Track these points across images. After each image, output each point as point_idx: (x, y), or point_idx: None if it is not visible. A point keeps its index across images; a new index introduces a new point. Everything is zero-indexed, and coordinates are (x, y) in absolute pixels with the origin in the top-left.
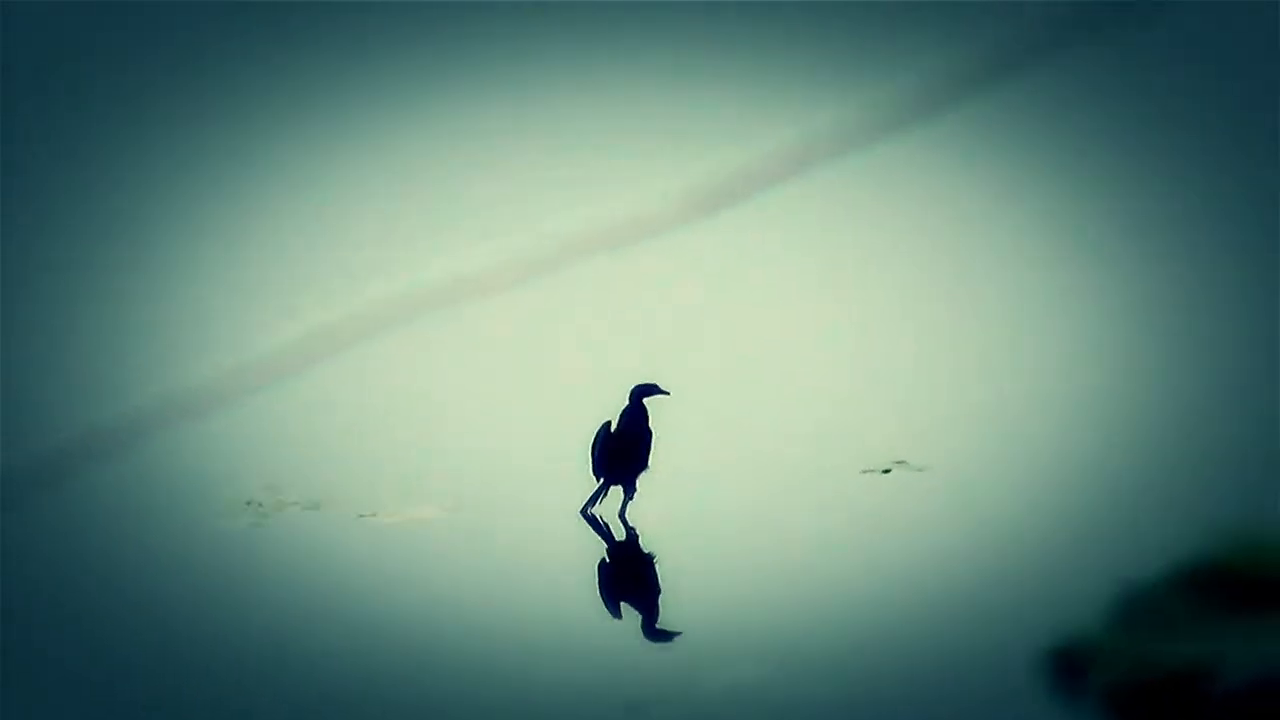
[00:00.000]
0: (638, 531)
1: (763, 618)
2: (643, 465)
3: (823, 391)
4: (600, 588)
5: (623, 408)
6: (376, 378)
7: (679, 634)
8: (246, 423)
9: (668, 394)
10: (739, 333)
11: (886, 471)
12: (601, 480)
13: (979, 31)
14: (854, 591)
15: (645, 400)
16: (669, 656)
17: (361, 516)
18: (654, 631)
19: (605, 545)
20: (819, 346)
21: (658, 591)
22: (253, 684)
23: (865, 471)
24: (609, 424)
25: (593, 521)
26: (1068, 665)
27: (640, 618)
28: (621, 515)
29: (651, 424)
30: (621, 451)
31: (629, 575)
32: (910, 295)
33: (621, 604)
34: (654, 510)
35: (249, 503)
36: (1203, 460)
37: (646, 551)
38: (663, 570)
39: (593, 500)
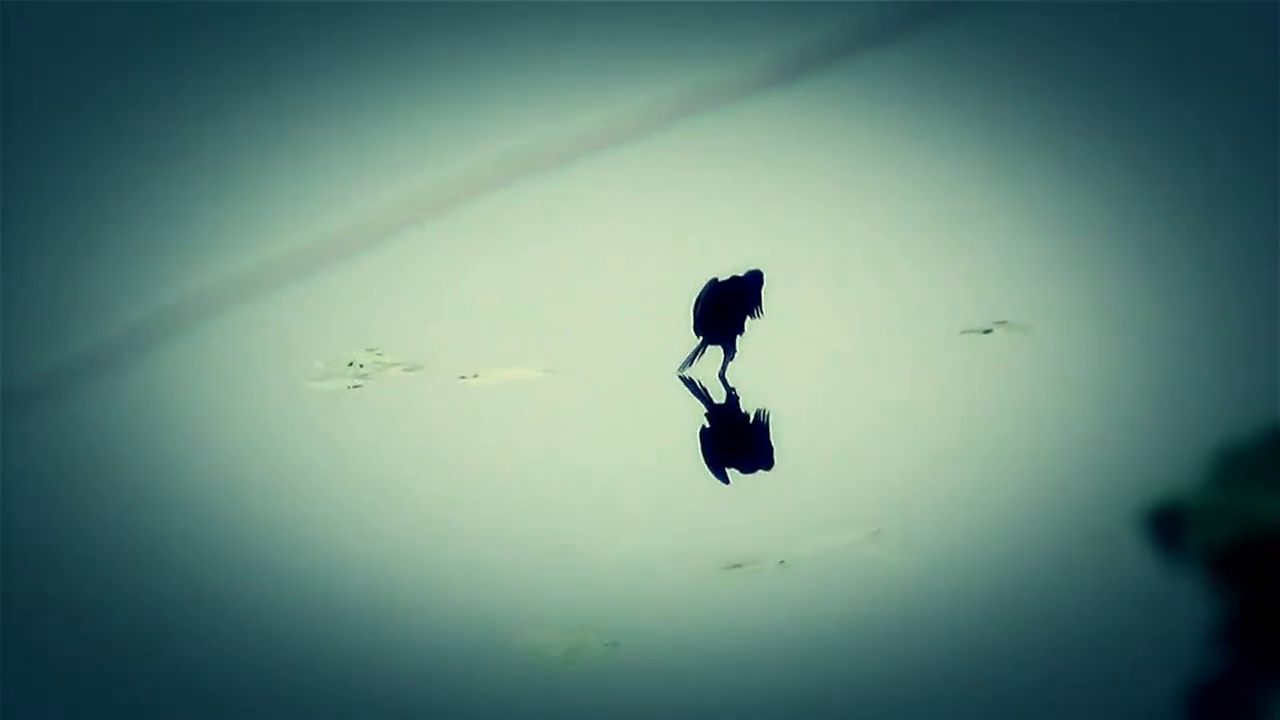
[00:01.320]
0: (737, 393)
1: (861, 482)
2: (739, 329)
3: (917, 254)
4: (701, 449)
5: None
6: (471, 246)
7: (776, 496)
8: (346, 287)
9: (759, 314)
10: (817, 217)
11: (988, 332)
12: (701, 339)
13: None
14: (950, 456)
15: (755, 283)
16: (766, 518)
17: (462, 378)
18: (751, 493)
19: (704, 407)
20: (905, 213)
21: (757, 453)
22: (346, 542)
23: (965, 332)
24: (715, 281)
25: (689, 382)
26: (1166, 523)
27: (736, 478)
28: (721, 376)
29: (753, 301)
30: (722, 312)
31: (728, 437)
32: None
33: (722, 466)
34: (753, 372)
35: (350, 364)
36: None
37: (744, 412)
38: (761, 431)
39: (690, 360)
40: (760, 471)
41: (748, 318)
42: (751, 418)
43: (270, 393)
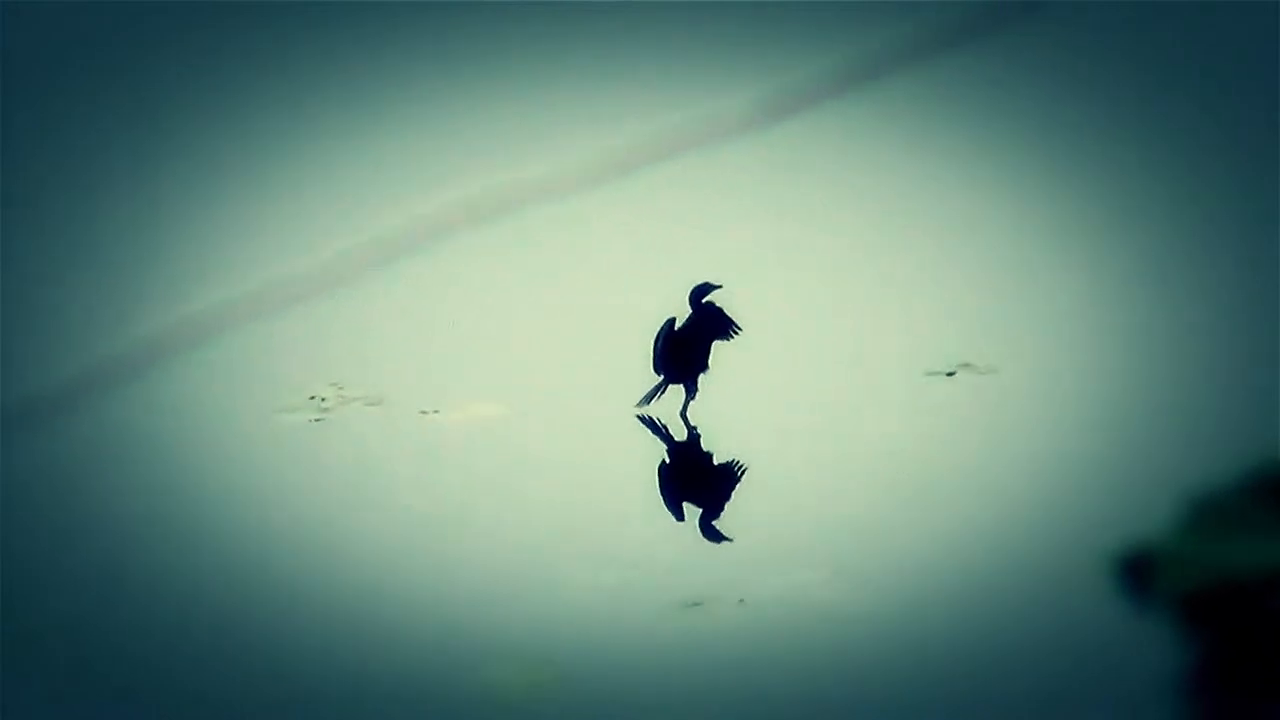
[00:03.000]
0: (699, 432)
1: (821, 523)
2: (703, 366)
3: (884, 296)
4: (660, 487)
5: (688, 313)
6: (439, 283)
7: (734, 537)
8: (313, 323)
9: (719, 286)
10: (790, 247)
11: (950, 374)
12: (661, 378)
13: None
14: (915, 497)
15: (705, 300)
16: (726, 558)
17: (423, 413)
18: (712, 532)
19: (665, 445)
20: (874, 256)
21: (717, 492)
22: (305, 573)
23: (929, 374)
24: (673, 321)
25: (649, 421)
26: (1136, 572)
27: (698, 517)
28: (683, 415)
29: (718, 330)
30: (683, 350)
31: (689, 475)
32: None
33: (680, 503)
34: (715, 411)
35: (312, 397)
36: (1272, 362)
37: (707, 451)
38: (724, 472)
39: (649, 397)
40: (719, 512)
41: (715, 343)
42: (712, 457)
43: (238, 424)
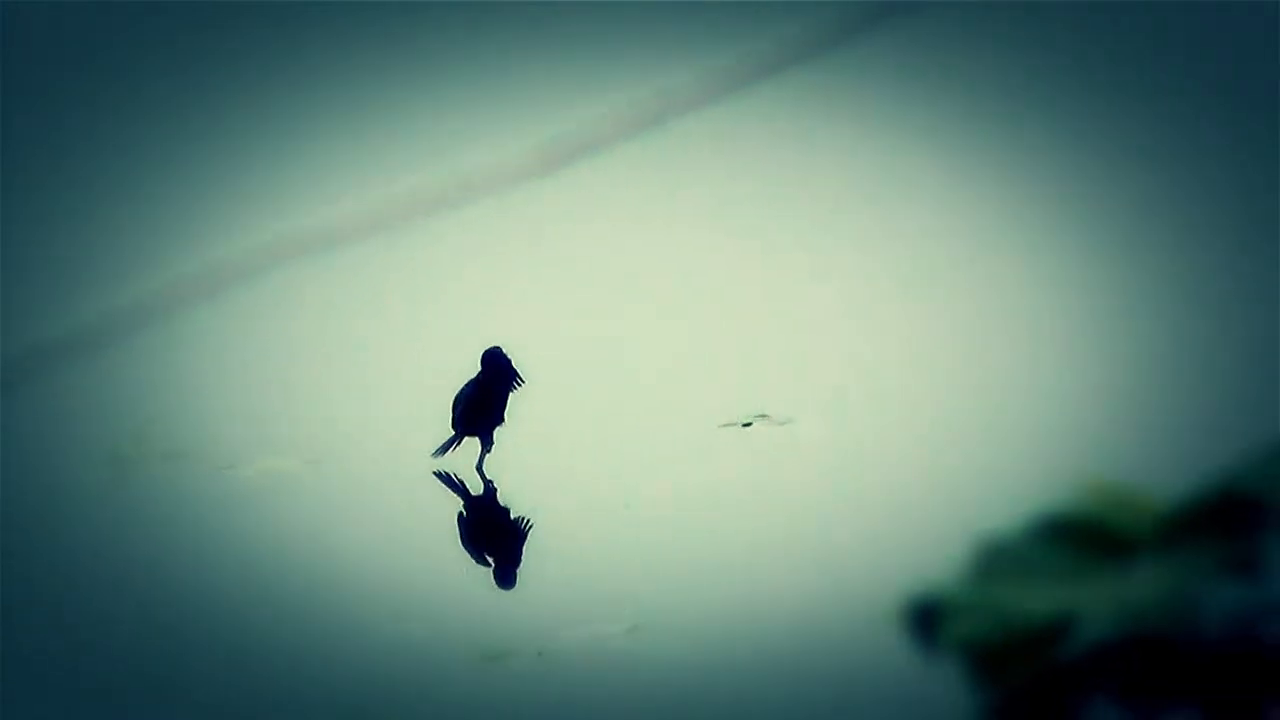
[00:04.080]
0: (495, 485)
1: (619, 575)
2: (499, 419)
3: (678, 347)
4: (460, 540)
5: (479, 370)
6: (242, 327)
7: (535, 589)
8: (115, 371)
9: (520, 383)
10: (582, 295)
11: (747, 425)
12: (456, 431)
13: None
14: (710, 548)
15: (493, 355)
16: (525, 610)
17: (220, 469)
18: (510, 584)
19: (460, 498)
20: (671, 309)
21: (514, 545)
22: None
23: (725, 425)
24: (474, 380)
25: (444, 476)
26: (924, 618)
27: (496, 571)
28: (479, 468)
29: (507, 382)
30: (477, 406)
31: (486, 528)
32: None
33: (479, 555)
34: (509, 465)
35: (113, 453)
36: (1064, 410)
37: (503, 505)
38: (519, 524)
39: (444, 449)
40: (516, 564)
41: (509, 395)
42: (509, 511)
43: (34, 483)
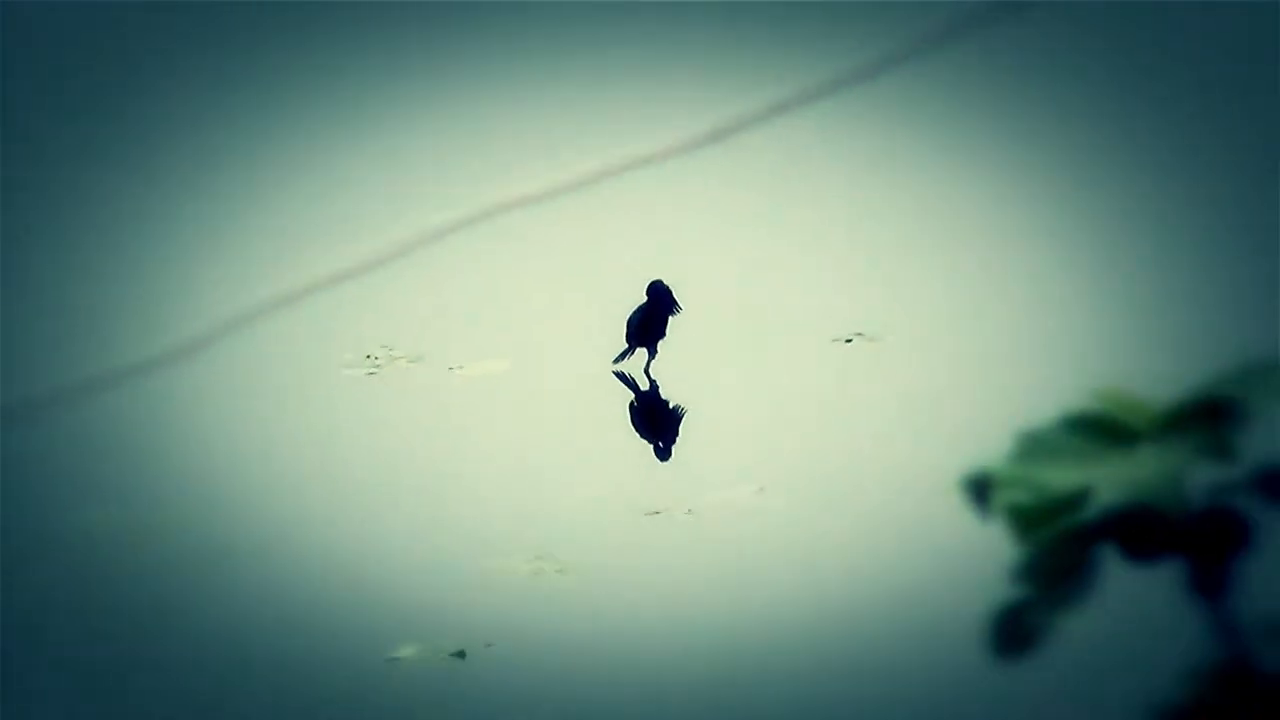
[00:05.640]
0: (658, 383)
1: (750, 450)
2: (661, 334)
3: (794, 270)
4: (631, 424)
5: (645, 299)
6: (462, 268)
7: (685, 460)
8: (369, 296)
9: (678, 309)
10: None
11: (849, 341)
12: (630, 344)
13: None
14: (829, 428)
15: (657, 288)
16: (678, 476)
17: (450, 369)
18: (667, 458)
19: (632, 392)
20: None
21: (671, 429)
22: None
23: (834, 340)
24: (642, 306)
25: (621, 375)
26: (979, 489)
27: (657, 448)
28: (646, 371)
29: (667, 308)
30: (645, 325)
31: (651, 415)
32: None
33: (646, 435)
34: (669, 368)
35: (368, 356)
36: (1091, 328)
37: (664, 398)
38: (675, 412)
39: (621, 357)
40: (672, 441)
41: (670, 318)
42: (668, 403)
43: (305, 379)
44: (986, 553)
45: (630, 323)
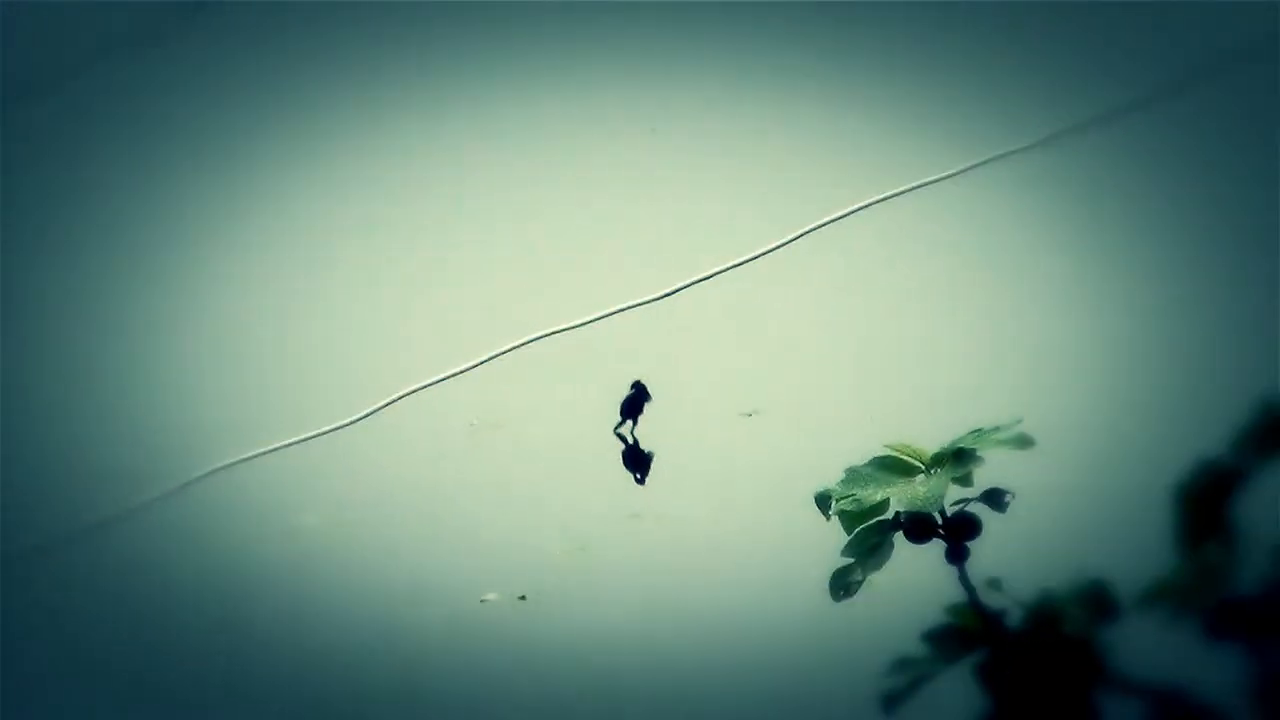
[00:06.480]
0: (638, 440)
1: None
2: (640, 410)
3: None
4: (622, 461)
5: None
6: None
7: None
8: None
9: (649, 398)
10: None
11: (748, 415)
12: (622, 416)
13: None
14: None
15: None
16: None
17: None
18: (643, 482)
19: (624, 445)
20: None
21: (644, 467)
22: None
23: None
24: (630, 394)
25: (620, 435)
26: (823, 501)
27: (636, 477)
28: (630, 433)
29: (645, 397)
30: (632, 403)
31: (632, 457)
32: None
33: (630, 469)
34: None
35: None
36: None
37: (642, 450)
38: (648, 458)
39: (619, 425)
40: (645, 475)
41: (645, 403)
42: (643, 453)
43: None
44: (828, 541)
45: (623, 406)
